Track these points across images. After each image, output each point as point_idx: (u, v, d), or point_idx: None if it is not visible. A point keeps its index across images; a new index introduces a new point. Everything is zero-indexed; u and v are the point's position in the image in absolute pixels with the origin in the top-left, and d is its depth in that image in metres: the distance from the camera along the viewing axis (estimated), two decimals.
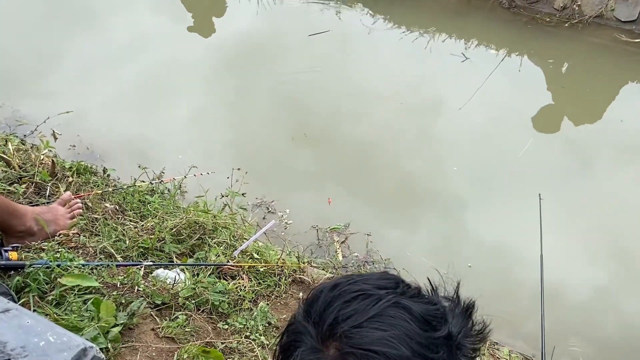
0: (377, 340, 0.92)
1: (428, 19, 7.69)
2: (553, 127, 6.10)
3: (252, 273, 3.18)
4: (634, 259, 4.80)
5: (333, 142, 5.90)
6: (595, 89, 6.67)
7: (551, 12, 7.30)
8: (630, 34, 6.91)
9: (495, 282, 4.68)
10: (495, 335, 4.17)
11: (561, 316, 4.38)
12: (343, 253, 4.64)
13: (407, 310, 0.97)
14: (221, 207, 3.86)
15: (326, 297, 1.00)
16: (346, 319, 0.95)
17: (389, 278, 1.06)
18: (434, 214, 5.27)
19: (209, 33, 7.77)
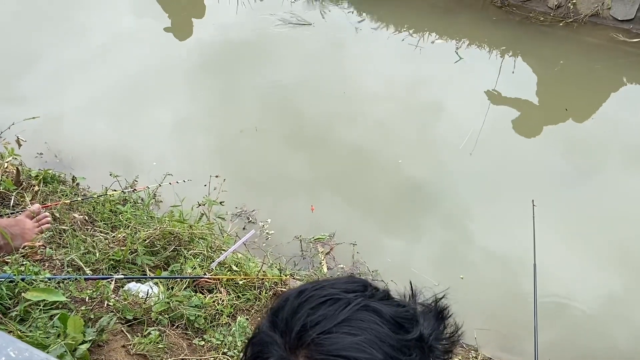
0: (348, 346, 0.92)
1: (417, 18, 7.75)
2: (535, 130, 6.17)
3: (231, 286, 3.19)
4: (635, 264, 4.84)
5: (320, 147, 5.92)
6: (592, 91, 6.75)
7: (545, 10, 7.39)
8: (628, 34, 7.00)
9: (489, 294, 4.71)
10: (488, 350, 4.21)
11: (558, 331, 4.41)
12: (328, 265, 4.65)
13: (377, 313, 0.97)
14: (198, 216, 3.86)
15: (292, 304, 0.99)
16: (314, 325, 0.95)
17: (356, 281, 1.06)
18: (426, 223, 5.29)
19: (187, 34, 7.79)
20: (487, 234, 5.10)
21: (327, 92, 6.59)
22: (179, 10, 8.39)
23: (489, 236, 5.08)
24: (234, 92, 6.61)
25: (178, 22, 8.03)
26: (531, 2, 7.49)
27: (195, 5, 8.53)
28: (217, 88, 6.65)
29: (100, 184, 4.19)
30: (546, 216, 4.87)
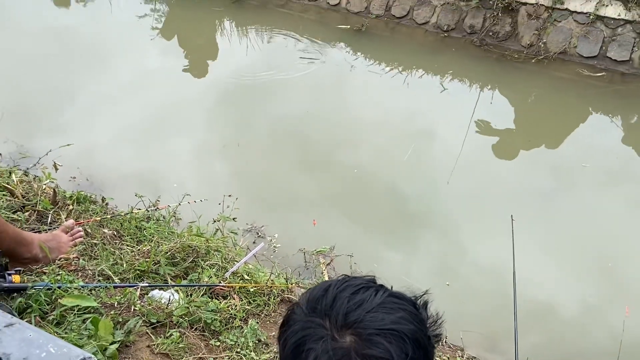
0: (390, 322, 1.00)
1: (406, 56, 7.82)
2: (512, 153, 6.19)
3: (243, 293, 3.19)
4: (610, 272, 4.83)
5: (323, 170, 5.95)
6: (563, 120, 6.78)
7: (519, 49, 7.45)
8: (592, 69, 7.06)
9: (474, 300, 4.69)
10: (473, 350, 4.18)
11: (539, 332, 4.40)
12: (328, 274, 4.65)
13: (401, 298, 1.08)
14: (213, 231, 3.88)
15: (331, 294, 1.05)
16: (357, 307, 1.01)
17: (365, 277, 1.13)
18: (417, 237, 5.29)
19: (203, 74, 7.86)
20: (472, 246, 5.10)
21: (329, 121, 6.64)
22: (196, 52, 8.48)
23: (474, 248, 5.07)
24: (247, 123, 6.66)
25: (195, 63, 8.11)
26: (506, 42, 7.56)
27: (210, 47, 8.62)
28: (232, 119, 6.71)
29: (126, 204, 4.20)
30: (525, 230, 4.88)
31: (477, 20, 7.67)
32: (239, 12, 9.04)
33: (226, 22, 9.05)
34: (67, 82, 7.20)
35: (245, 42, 8.52)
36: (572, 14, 7.17)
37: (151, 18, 9.23)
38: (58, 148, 4.71)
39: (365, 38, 8.14)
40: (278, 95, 7.09)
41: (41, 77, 7.25)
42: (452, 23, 7.83)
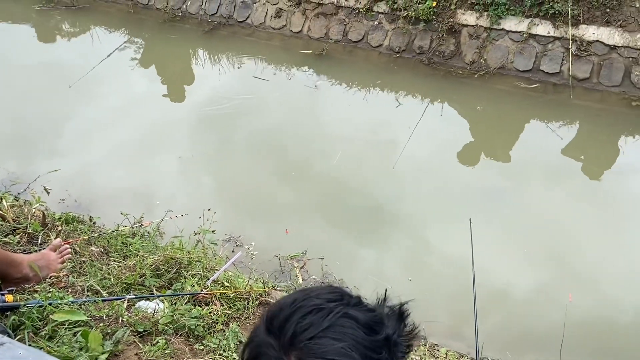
0: (333, 350, 0.93)
1: (363, 76, 7.86)
2: (473, 160, 6.27)
3: (224, 299, 3.13)
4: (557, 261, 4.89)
5: (296, 182, 5.93)
6: (508, 127, 6.88)
7: (463, 65, 7.55)
8: (528, 81, 7.18)
9: (436, 293, 4.70)
10: (435, 338, 4.19)
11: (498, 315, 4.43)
12: (302, 277, 4.62)
13: (353, 319, 0.98)
14: (194, 243, 3.82)
15: (285, 313, 0.99)
16: (303, 331, 0.95)
17: (335, 291, 1.05)
18: (383, 239, 5.29)
19: (181, 99, 7.79)
20: (433, 243, 5.13)
21: (299, 137, 6.63)
22: (173, 79, 8.40)
23: (435, 245, 5.10)
24: (224, 141, 6.61)
25: (173, 89, 8.03)
26: (452, 60, 7.66)
27: (186, 74, 8.55)
28: (209, 139, 6.64)
29: (113, 222, 4.12)
30: (483, 225, 4.93)
31: (425, 41, 7.76)
32: (210, 42, 9.00)
33: (199, 51, 8.99)
34: (55, 111, 7.06)
35: (218, 68, 8.47)
36: (508, 33, 7.30)
37: (130, 50, 9.12)
38: (46, 174, 4.61)
39: (326, 61, 8.16)
40: (252, 115, 7.06)
41: (31, 107, 7.09)
42: (402, 45, 7.91)
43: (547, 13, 6.97)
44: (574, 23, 6.86)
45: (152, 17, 9.70)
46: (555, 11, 6.89)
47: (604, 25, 6.76)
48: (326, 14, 8.46)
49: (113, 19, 9.90)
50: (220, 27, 9.19)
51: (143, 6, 9.90)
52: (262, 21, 8.91)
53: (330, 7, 8.42)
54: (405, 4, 7.72)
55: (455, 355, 3.61)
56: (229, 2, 9.18)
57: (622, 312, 4.39)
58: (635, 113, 6.52)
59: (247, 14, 9.06)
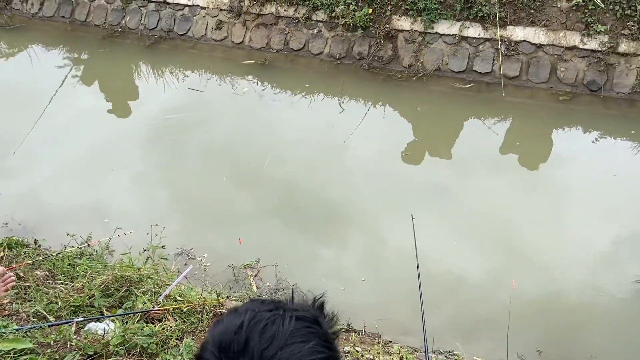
0: (306, 352, 0.92)
1: (307, 83, 7.86)
2: (417, 158, 6.36)
3: (177, 314, 3.06)
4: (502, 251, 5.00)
5: (246, 189, 5.86)
6: (444, 126, 7.02)
7: (401, 69, 7.66)
8: (463, 81, 7.36)
9: (387, 291, 4.73)
10: (389, 335, 4.21)
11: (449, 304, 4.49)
12: (256, 285, 4.56)
13: (305, 320, 0.98)
14: (145, 260, 3.71)
15: (241, 336, 0.93)
16: (269, 345, 0.92)
17: (266, 301, 1.03)
18: (333, 239, 5.29)
19: (126, 114, 7.59)
20: (381, 242, 5.16)
21: (251, 143, 6.56)
22: (117, 94, 8.17)
23: (383, 243, 5.13)
24: (173, 154, 6.47)
25: (117, 105, 7.81)
26: (390, 64, 7.76)
27: (130, 89, 8.33)
28: (157, 153, 6.49)
29: (60, 243, 3.96)
30: (429, 219, 5.01)
31: (364, 47, 7.84)
32: (152, 56, 8.80)
33: (142, 65, 8.78)
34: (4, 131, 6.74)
35: (162, 82, 8.29)
36: (441, 37, 7.46)
37: (70, 67, 8.82)
38: None
39: (269, 70, 8.12)
40: (199, 127, 6.94)
41: None
42: (343, 52, 7.96)
43: (477, 16, 7.17)
44: (502, 24, 7.08)
45: (90, 34, 9.42)
46: (484, 14, 7.09)
47: (529, 25, 7.01)
48: (266, 24, 8.43)
49: (50, 37, 9.56)
50: (162, 41, 9.02)
51: (81, 23, 9.60)
52: (203, 33, 8.79)
53: (270, 17, 8.39)
54: (343, 12, 7.77)
55: (408, 350, 3.64)
56: (169, 15, 9.02)
57: (564, 293, 4.53)
58: (562, 107, 6.78)
59: (187, 26, 8.92)
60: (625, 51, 6.59)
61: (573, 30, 6.81)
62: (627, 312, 4.38)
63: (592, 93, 6.76)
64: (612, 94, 6.70)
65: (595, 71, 6.73)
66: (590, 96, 6.78)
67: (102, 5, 9.48)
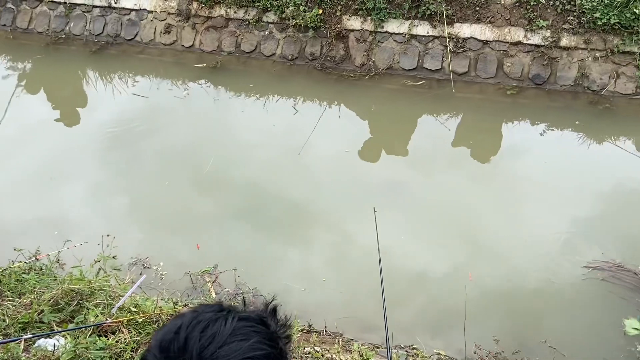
0: (247, 350, 0.93)
1: (260, 85, 7.82)
2: (374, 156, 6.42)
3: (132, 325, 2.99)
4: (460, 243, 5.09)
5: (202, 195, 5.78)
6: (399, 123, 7.10)
7: (354, 69, 7.72)
8: (415, 79, 7.47)
9: (350, 288, 4.74)
10: (350, 334, 4.23)
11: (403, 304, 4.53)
12: (215, 291, 4.51)
13: (249, 320, 0.99)
14: (96, 272, 3.61)
15: (181, 336, 0.95)
16: (209, 343, 0.92)
17: (213, 305, 1.05)
18: (292, 241, 5.28)
19: (75, 122, 7.40)
20: (345, 241, 5.17)
21: (204, 147, 6.49)
22: (65, 102, 7.94)
23: (347, 242, 5.15)
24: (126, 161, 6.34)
25: (65, 113, 7.60)
26: (343, 64, 7.80)
27: (78, 97, 8.10)
28: (110, 161, 6.35)
29: (7, 259, 3.81)
30: (390, 216, 5.06)
31: (316, 48, 7.85)
32: (99, 62, 8.58)
33: (89, 72, 8.56)
34: None
35: (111, 88, 8.10)
36: (391, 35, 7.55)
37: (14, 77, 8.52)
38: None
39: (222, 73, 8.04)
40: (153, 133, 6.81)
41: None
42: (295, 52, 7.95)
43: (425, 14, 7.28)
44: (449, 22, 7.22)
45: (34, 42, 9.12)
46: (432, 12, 7.22)
47: (475, 22, 7.17)
48: (216, 27, 8.35)
49: None
50: (108, 46, 8.81)
51: (22, 31, 9.28)
52: (152, 38, 8.63)
53: (220, 19, 8.31)
54: (293, 13, 7.77)
55: (369, 347, 3.66)
56: (115, 20, 8.82)
57: (519, 281, 4.66)
58: (510, 101, 6.96)
59: (135, 31, 8.74)
60: (566, 45, 6.83)
61: (517, 26, 7.00)
62: (577, 296, 4.54)
63: (538, 86, 6.98)
64: (556, 86, 6.93)
65: (539, 65, 6.94)
66: (536, 90, 6.99)
67: (44, 12, 9.20)
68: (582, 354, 4.03)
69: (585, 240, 5.02)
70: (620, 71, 6.69)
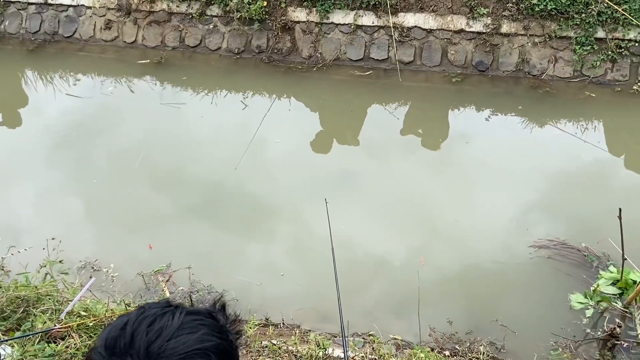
0: (194, 342, 0.93)
1: (207, 80, 7.72)
2: (326, 147, 6.45)
3: (82, 329, 2.92)
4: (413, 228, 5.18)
5: (153, 194, 5.68)
6: (349, 114, 7.15)
7: (301, 61, 7.71)
8: (362, 69, 7.53)
9: (304, 282, 4.77)
10: (308, 324, 4.26)
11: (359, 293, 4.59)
12: (169, 290, 4.45)
13: (198, 314, 1.00)
14: (43, 277, 3.50)
15: (128, 332, 0.94)
16: (157, 338, 0.92)
17: (159, 302, 1.05)
18: (248, 236, 5.26)
19: (17, 123, 7.13)
20: (299, 233, 5.19)
21: (153, 145, 6.38)
22: (4, 104, 7.64)
23: (302, 234, 5.17)
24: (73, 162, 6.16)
25: (6, 115, 7.31)
26: (290, 56, 7.79)
27: (18, 97, 7.80)
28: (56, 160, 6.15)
29: None
30: (345, 205, 5.11)
31: (262, 40, 7.81)
32: (38, 61, 8.28)
33: (28, 71, 8.24)
34: None
35: (52, 88, 7.83)
36: (337, 26, 7.58)
37: None
38: None
39: (167, 69, 7.89)
40: (98, 133, 6.63)
41: None
42: (241, 46, 7.88)
43: (369, 4, 7.35)
44: (393, 12, 7.31)
45: None
46: (376, 2, 7.29)
47: (419, 11, 7.29)
48: (159, 22, 8.18)
49: None
50: (46, 44, 8.50)
51: None
52: (92, 34, 8.38)
53: (162, 14, 8.14)
54: (237, 6, 7.70)
55: (325, 337, 3.70)
56: (52, 17, 8.51)
57: (471, 264, 4.79)
58: (456, 88, 7.12)
59: (73, 28, 8.46)
60: (507, 32, 7.04)
61: (459, 15, 7.16)
62: (526, 275, 4.71)
63: (481, 73, 7.17)
64: (498, 72, 7.14)
65: (482, 52, 7.13)
66: (480, 76, 7.18)
67: None
68: (531, 330, 4.19)
69: (532, 220, 5.21)
70: (558, 55, 6.95)
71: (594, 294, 4.25)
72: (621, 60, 6.78)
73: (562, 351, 3.88)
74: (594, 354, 3.91)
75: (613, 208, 3.93)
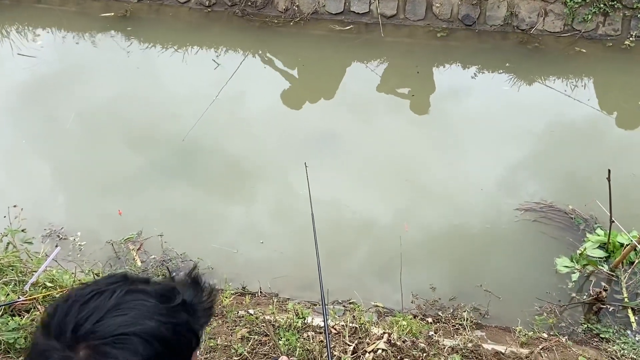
0: (121, 324, 0.89)
1: (177, 35, 7.52)
2: (297, 105, 6.37)
3: (48, 301, 2.89)
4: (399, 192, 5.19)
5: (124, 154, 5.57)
6: (332, 70, 7.04)
7: (277, 14, 7.54)
8: (342, 24, 7.40)
9: (284, 249, 4.75)
10: (287, 293, 4.28)
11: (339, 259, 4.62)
12: (140, 259, 4.42)
13: (142, 293, 0.96)
14: (4, 247, 3.44)
15: (62, 310, 0.92)
16: (87, 319, 0.90)
17: (116, 276, 1.01)
18: (224, 201, 5.23)
19: None
20: (279, 199, 5.16)
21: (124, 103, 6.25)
22: None
23: (281, 200, 5.14)
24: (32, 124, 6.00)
25: None
26: (265, 9, 7.61)
27: None
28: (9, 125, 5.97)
29: None
30: (326, 168, 5.09)
31: None
32: None
33: None
34: None
35: (9, 43, 7.55)
36: None
37: None
38: None
39: (133, 23, 7.65)
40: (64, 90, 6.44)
41: None
42: None
43: None
44: None
45: None
46: None
47: None
48: None
49: None
50: None
51: None
52: None
53: None
54: None
55: (305, 305, 3.73)
56: None
57: (456, 228, 4.83)
58: (441, 43, 7.06)
59: None
60: None
61: None
62: (511, 238, 4.78)
63: (468, 28, 7.09)
64: (486, 27, 7.07)
65: (468, 5, 7.04)
66: (466, 31, 7.11)
67: None
68: (516, 295, 4.27)
69: (518, 182, 5.26)
70: (548, 9, 6.90)
71: (580, 257, 4.34)
72: (613, 14, 6.76)
73: (547, 316, 3.97)
74: (579, 318, 4.01)
75: (602, 169, 3.97)
